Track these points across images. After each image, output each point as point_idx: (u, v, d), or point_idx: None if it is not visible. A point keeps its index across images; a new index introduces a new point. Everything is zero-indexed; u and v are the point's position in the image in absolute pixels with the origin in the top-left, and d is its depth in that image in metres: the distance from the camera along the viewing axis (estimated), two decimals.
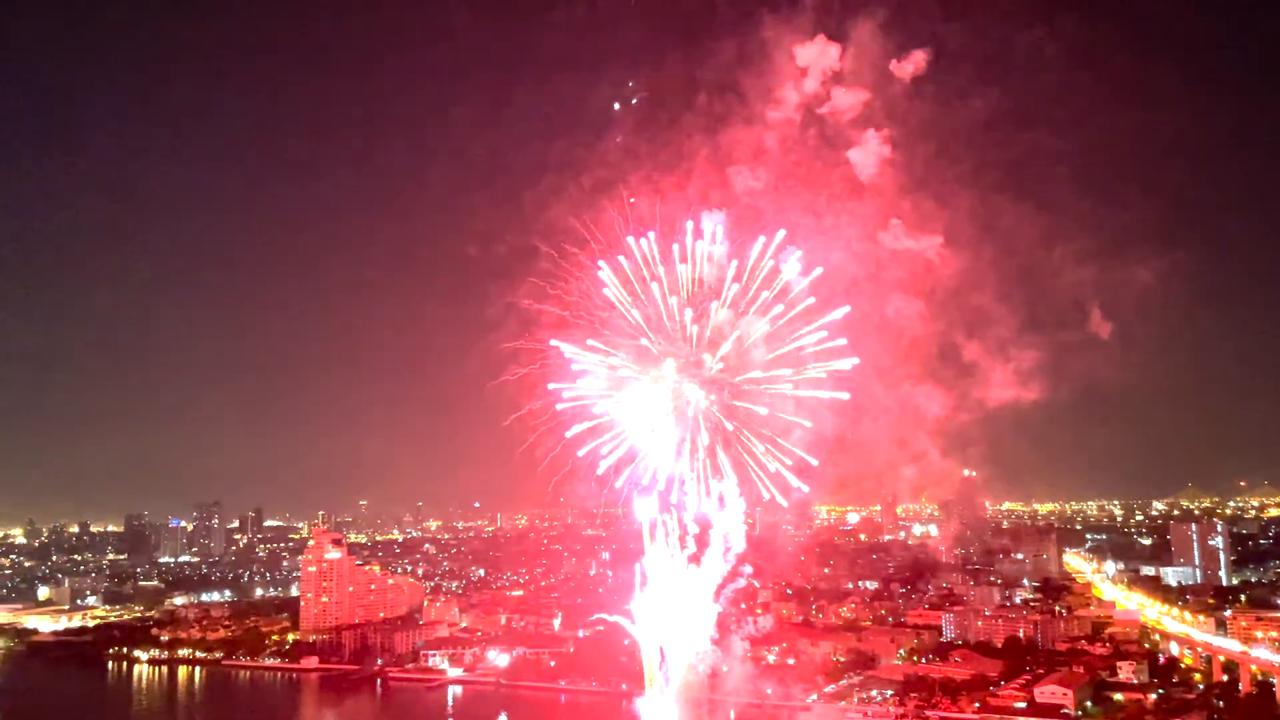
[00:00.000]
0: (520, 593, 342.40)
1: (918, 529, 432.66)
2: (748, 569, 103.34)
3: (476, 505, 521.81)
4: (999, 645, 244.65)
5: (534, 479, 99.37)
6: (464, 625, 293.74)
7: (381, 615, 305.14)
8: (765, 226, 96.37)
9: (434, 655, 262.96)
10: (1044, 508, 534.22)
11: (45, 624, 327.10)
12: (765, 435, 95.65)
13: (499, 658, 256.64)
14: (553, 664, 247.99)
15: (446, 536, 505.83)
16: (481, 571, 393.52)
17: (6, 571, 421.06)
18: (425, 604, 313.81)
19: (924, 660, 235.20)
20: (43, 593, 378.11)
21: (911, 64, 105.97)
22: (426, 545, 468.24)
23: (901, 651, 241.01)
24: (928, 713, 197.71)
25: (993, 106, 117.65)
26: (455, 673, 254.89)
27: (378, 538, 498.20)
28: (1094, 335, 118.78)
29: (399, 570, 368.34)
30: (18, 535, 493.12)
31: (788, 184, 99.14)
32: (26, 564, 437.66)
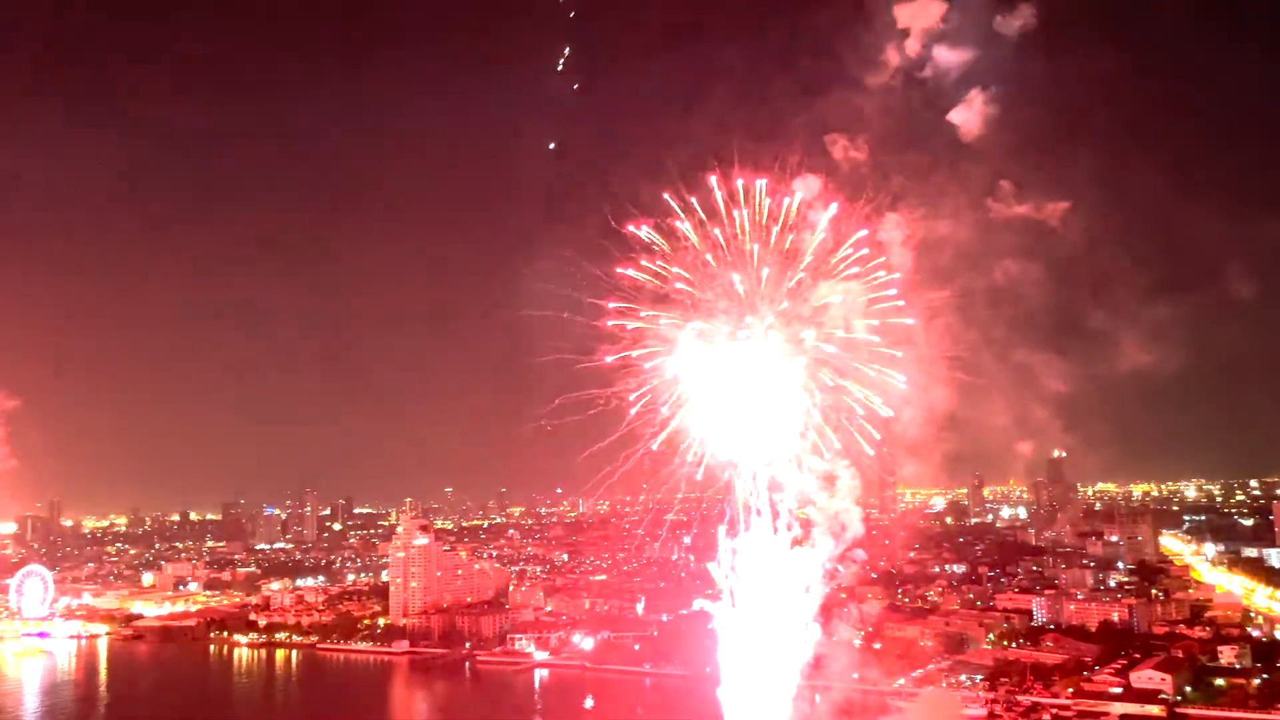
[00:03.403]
0: (603, 577, 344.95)
1: (1006, 511, 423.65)
2: (860, 554, 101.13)
3: (558, 491, 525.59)
4: (1093, 630, 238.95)
5: (621, 462, 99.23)
6: (549, 609, 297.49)
7: (469, 599, 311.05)
8: (867, 193, 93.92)
9: (520, 639, 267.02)
10: (1138, 489, 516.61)
11: (150, 609, 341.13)
12: (870, 411, 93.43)
13: (584, 641, 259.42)
14: (637, 648, 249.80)
15: (530, 522, 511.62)
16: (565, 556, 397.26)
17: (113, 559, 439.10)
18: (511, 588, 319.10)
19: (1015, 645, 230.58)
20: (147, 579, 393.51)
21: (1019, 19, 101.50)
22: (511, 530, 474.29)
23: (991, 636, 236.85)
24: (1019, 698, 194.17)
25: (1112, 59, 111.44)
26: (541, 656, 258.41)
27: (463, 524, 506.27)
28: (1228, 297, 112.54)
29: (484, 555, 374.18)
30: (123, 524, 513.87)
31: (889, 148, 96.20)
32: (131, 551, 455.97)
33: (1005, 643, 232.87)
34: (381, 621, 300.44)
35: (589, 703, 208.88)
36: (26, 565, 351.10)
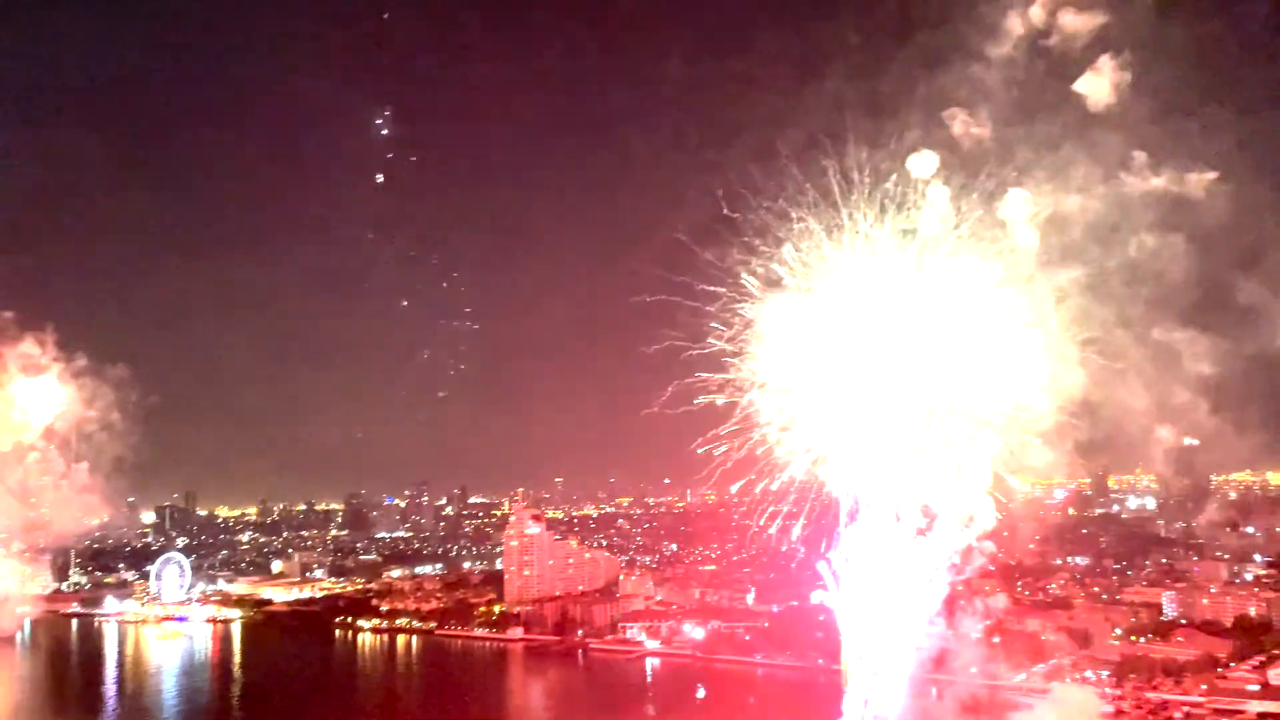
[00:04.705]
0: (713, 567, 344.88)
1: (1133, 501, 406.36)
2: (989, 545, 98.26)
3: (666, 481, 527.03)
4: (1228, 625, 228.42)
5: (735, 449, 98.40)
6: (659, 599, 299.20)
7: (580, 588, 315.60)
8: (989, 168, 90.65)
9: (631, 628, 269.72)
10: (1276, 477, 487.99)
11: (279, 595, 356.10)
12: (998, 396, 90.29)
13: (694, 631, 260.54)
14: (748, 638, 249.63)
15: (639, 512, 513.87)
16: (674, 546, 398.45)
17: (244, 547, 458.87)
18: (621, 578, 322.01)
19: (1143, 640, 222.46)
20: (276, 566, 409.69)
21: None
22: (620, 520, 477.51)
23: (1117, 630, 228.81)
24: (1148, 695, 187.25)
25: (1261, 16, 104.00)
26: (652, 645, 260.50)
27: (574, 513, 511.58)
28: None
29: (595, 544, 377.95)
30: (253, 514, 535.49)
31: (1012, 121, 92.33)
32: (261, 540, 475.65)
33: (1132, 637, 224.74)
34: (497, 609, 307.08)
35: (700, 692, 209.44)
36: (166, 553, 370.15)
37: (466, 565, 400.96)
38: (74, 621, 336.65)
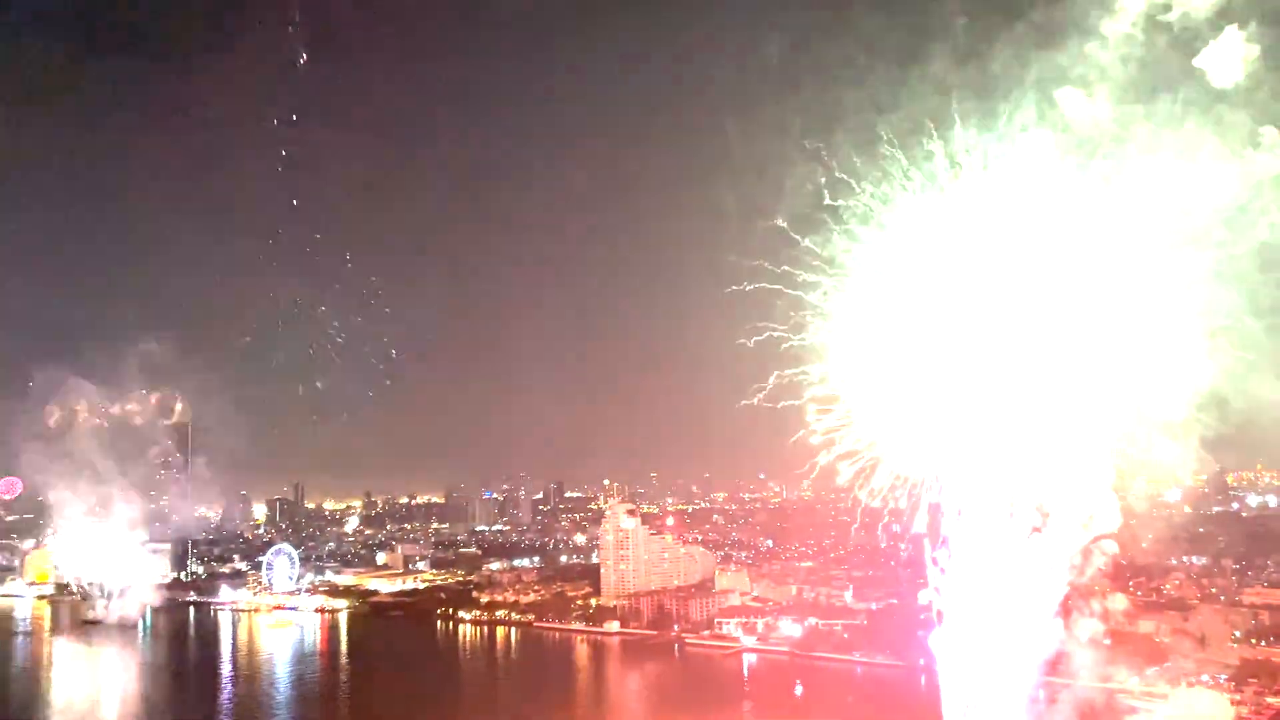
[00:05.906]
0: (810, 564, 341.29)
1: (1253, 499, 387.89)
2: (1111, 546, 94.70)
3: (761, 476, 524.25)
4: None
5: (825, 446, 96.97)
6: (755, 595, 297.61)
7: (676, 583, 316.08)
8: (1104, 149, 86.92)
9: (727, 623, 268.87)
10: None
11: (383, 585, 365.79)
12: (1121, 388, 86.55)
13: (791, 627, 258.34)
14: (846, 636, 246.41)
15: (733, 507, 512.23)
16: (770, 542, 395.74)
17: (350, 539, 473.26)
18: (716, 573, 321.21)
19: (1264, 643, 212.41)
20: (380, 558, 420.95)
21: None
22: (715, 515, 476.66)
23: (1237, 633, 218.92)
24: (1269, 700, 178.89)
25: None
26: (749, 641, 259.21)
27: (668, 508, 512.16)
28: None
29: (690, 540, 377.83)
30: (358, 507, 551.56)
31: (1130, 100, 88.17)
32: (366, 532, 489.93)
33: (1253, 640, 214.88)
34: (594, 602, 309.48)
35: (799, 690, 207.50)
36: (276, 544, 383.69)
37: (563, 559, 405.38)
38: (191, 609, 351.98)
